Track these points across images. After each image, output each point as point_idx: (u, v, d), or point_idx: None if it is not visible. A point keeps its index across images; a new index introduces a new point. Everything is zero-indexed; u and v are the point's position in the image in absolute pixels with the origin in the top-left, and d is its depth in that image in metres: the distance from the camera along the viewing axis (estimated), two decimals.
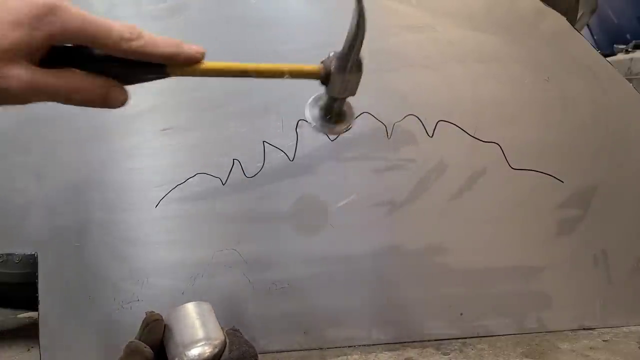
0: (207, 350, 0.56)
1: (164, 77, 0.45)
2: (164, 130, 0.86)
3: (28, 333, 1.01)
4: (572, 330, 0.86)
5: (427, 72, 0.89)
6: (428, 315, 0.86)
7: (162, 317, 0.60)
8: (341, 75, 0.47)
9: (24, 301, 1.02)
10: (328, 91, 0.49)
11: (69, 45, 0.42)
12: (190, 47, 0.45)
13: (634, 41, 2.09)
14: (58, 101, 0.42)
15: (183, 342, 0.57)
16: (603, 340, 0.82)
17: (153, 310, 0.61)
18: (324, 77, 0.48)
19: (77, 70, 0.42)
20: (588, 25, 2.72)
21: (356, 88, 0.50)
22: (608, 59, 0.96)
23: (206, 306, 0.63)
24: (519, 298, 0.87)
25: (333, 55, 0.48)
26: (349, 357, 0.81)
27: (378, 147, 0.87)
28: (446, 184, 0.87)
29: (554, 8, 0.92)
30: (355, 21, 0.45)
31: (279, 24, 0.91)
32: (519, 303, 0.87)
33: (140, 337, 0.58)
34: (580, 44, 0.92)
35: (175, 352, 0.57)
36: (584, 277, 0.88)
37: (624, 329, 0.86)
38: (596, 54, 0.92)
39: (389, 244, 0.86)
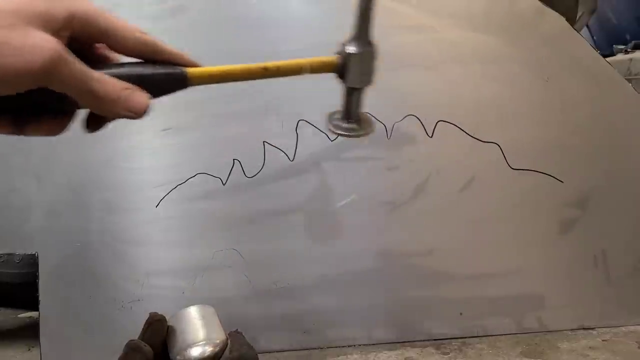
0: (208, 349, 0.56)
1: (183, 86, 0.44)
2: (164, 130, 0.86)
3: (28, 333, 1.01)
4: (572, 330, 0.86)
5: (427, 73, 0.89)
6: (428, 315, 0.86)
7: (165, 317, 0.60)
8: (357, 57, 0.47)
9: (24, 301, 1.02)
10: (347, 81, 0.49)
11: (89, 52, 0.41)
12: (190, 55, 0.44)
13: (633, 42, 2.10)
14: (76, 97, 0.37)
15: (185, 342, 0.58)
16: (602, 340, 0.82)
17: (157, 312, 0.61)
18: (341, 66, 0.48)
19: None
20: (587, 26, 2.72)
21: (373, 74, 0.49)
22: (607, 59, 0.96)
23: (210, 310, 0.64)
24: (518, 298, 0.87)
25: (345, 43, 0.48)
26: (349, 357, 0.81)
27: (378, 147, 0.87)
28: (446, 184, 0.87)
29: (553, 8, 0.92)
30: None
31: (279, 24, 0.91)
32: (519, 303, 0.87)
33: (143, 337, 0.58)
34: (580, 44, 0.92)
35: (176, 351, 0.57)
36: (583, 277, 0.88)
37: (624, 328, 0.86)
38: (596, 54, 0.92)
39: (389, 243, 0.86)
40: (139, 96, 0.40)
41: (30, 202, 0.85)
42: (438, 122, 0.87)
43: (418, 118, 0.87)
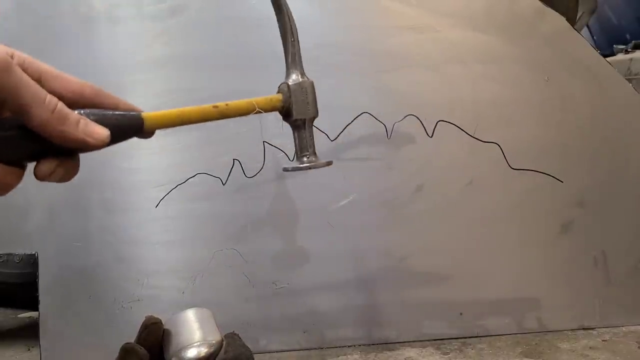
0: (203, 350, 0.56)
1: (139, 131, 0.43)
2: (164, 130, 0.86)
3: (28, 333, 1.01)
4: (572, 330, 0.86)
5: (427, 72, 0.89)
6: (428, 315, 0.86)
7: (160, 320, 0.60)
8: (297, 87, 0.52)
9: (24, 301, 1.02)
10: (295, 114, 0.53)
11: None
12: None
13: (633, 41, 2.10)
14: (29, 107, 0.34)
15: (180, 344, 0.58)
16: (602, 340, 0.82)
17: (153, 314, 0.62)
18: (287, 102, 0.52)
19: None
20: (588, 26, 2.72)
21: (315, 104, 0.53)
22: (608, 59, 0.96)
23: (206, 312, 0.64)
24: (518, 298, 0.87)
25: (283, 82, 0.52)
26: (349, 357, 0.81)
27: (378, 147, 0.87)
28: (446, 184, 0.87)
29: (553, 8, 0.92)
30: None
31: None
32: (519, 303, 0.87)
33: (139, 340, 0.58)
34: (580, 44, 0.92)
35: (172, 353, 0.57)
36: (583, 277, 0.88)
37: (624, 328, 0.86)
38: (596, 54, 0.92)
39: (389, 243, 0.86)
40: (97, 126, 0.38)
41: (30, 202, 0.85)
42: (438, 122, 0.87)
43: (418, 118, 0.87)
